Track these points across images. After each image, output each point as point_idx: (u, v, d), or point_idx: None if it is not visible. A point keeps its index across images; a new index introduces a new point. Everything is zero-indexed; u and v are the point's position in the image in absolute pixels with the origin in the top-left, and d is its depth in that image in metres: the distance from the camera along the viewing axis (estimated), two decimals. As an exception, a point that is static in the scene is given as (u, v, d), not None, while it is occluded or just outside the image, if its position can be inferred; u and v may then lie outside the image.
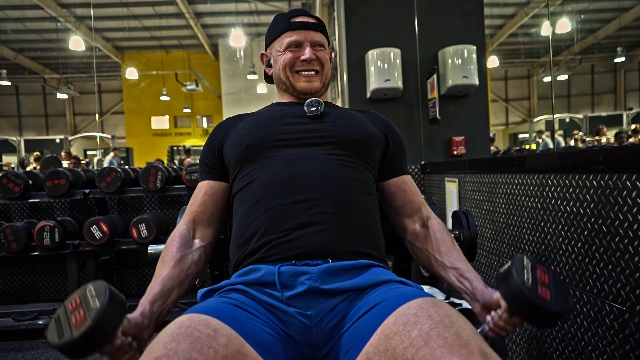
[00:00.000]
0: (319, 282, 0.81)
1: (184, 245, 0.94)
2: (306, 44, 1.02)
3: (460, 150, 2.87)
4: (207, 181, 1.02)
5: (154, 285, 0.86)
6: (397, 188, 1.04)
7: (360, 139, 0.97)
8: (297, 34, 1.02)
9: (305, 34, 1.02)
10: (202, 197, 1.00)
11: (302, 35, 1.02)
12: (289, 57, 1.03)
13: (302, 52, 1.03)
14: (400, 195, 1.04)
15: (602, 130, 7.62)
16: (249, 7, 11.13)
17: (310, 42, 1.03)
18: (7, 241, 2.38)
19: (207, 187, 1.01)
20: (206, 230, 1.00)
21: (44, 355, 2.19)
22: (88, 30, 11.59)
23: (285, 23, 1.04)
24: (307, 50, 1.02)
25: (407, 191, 1.04)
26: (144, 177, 2.48)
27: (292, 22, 1.03)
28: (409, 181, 1.06)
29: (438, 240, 0.95)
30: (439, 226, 0.98)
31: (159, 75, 14.61)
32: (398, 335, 0.63)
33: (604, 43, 13.66)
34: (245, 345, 0.67)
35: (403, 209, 1.03)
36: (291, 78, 1.04)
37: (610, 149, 1.07)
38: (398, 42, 2.84)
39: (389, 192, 1.05)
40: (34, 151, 7.85)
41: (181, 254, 0.92)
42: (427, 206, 1.05)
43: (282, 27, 1.04)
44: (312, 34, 1.03)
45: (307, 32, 1.03)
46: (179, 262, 0.91)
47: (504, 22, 12.24)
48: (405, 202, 1.03)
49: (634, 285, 0.99)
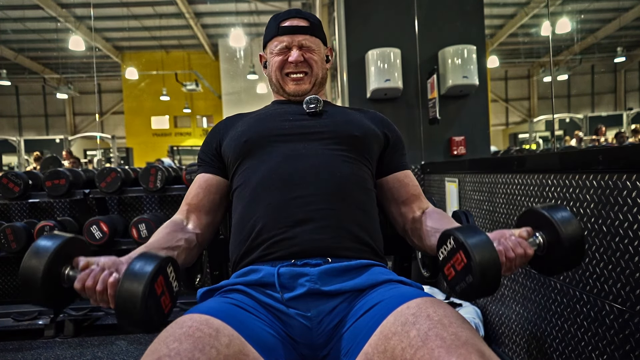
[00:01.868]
0: (319, 283, 0.81)
1: (175, 226, 0.94)
2: (294, 47, 1.03)
3: (460, 150, 2.87)
4: (202, 174, 1.03)
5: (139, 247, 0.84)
6: (400, 182, 1.04)
7: (358, 134, 0.98)
8: (285, 38, 1.03)
9: (293, 38, 1.03)
10: (196, 189, 1.01)
11: (289, 39, 1.03)
12: (278, 60, 1.04)
13: (289, 55, 1.03)
14: (403, 189, 1.03)
15: (601, 130, 7.63)
16: (249, 7, 11.13)
17: (298, 45, 1.03)
18: (7, 241, 2.38)
19: (201, 179, 1.02)
20: (200, 219, 0.99)
21: (44, 355, 2.19)
22: (88, 30, 11.59)
23: (275, 28, 1.05)
24: (293, 53, 1.02)
25: (410, 184, 1.04)
26: (144, 177, 2.48)
27: (281, 27, 1.04)
28: (410, 175, 1.06)
29: (435, 217, 0.96)
30: (438, 210, 1.00)
31: (159, 75, 14.61)
32: (397, 336, 0.63)
33: (604, 43, 13.65)
34: (246, 345, 0.67)
35: (405, 200, 1.02)
36: (281, 81, 1.06)
37: (610, 149, 1.07)
38: (398, 42, 2.85)
39: (390, 186, 1.04)
40: (34, 151, 7.84)
41: (171, 230, 0.92)
42: (425, 198, 1.05)
43: (272, 31, 1.05)
44: (301, 37, 1.03)
45: (294, 36, 1.03)
46: (167, 235, 0.90)
47: (504, 22, 12.23)
48: (408, 195, 1.03)
49: (634, 285, 0.99)
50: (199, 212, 1.00)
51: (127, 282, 0.65)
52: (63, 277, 0.71)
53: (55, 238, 0.71)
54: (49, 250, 0.69)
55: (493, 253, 0.70)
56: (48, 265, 0.68)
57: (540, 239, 0.78)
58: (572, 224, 0.75)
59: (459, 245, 0.72)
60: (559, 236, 0.75)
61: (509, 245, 0.76)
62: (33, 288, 0.68)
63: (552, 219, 0.76)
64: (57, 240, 0.70)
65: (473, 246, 0.70)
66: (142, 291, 0.64)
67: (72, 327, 2.42)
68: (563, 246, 0.74)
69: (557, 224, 0.75)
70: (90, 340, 2.36)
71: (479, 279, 0.69)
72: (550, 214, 0.77)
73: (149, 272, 0.65)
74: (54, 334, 2.40)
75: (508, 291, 1.68)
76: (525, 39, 13.91)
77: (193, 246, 0.95)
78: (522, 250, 0.76)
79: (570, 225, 0.75)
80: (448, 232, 0.75)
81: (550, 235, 0.77)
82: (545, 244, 0.77)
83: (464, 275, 0.71)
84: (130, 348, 2.23)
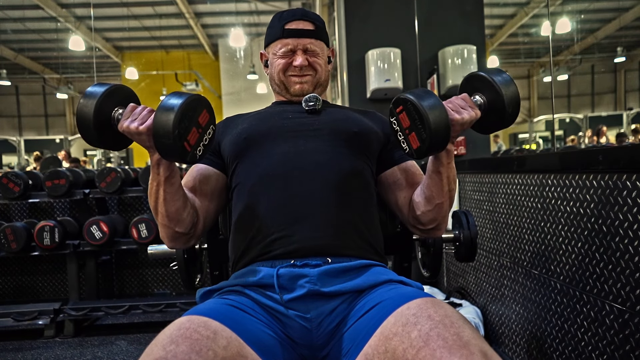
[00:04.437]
0: (318, 284, 0.81)
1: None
2: (299, 51, 1.02)
3: (460, 150, 2.87)
4: (195, 164, 1.00)
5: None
6: (407, 171, 1.01)
7: (357, 131, 0.97)
8: (290, 41, 1.01)
9: (298, 42, 1.01)
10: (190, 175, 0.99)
11: (294, 42, 1.01)
12: (282, 64, 1.03)
13: (294, 58, 1.02)
14: (411, 176, 1.00)
15: (602, 130, 7.63)
16: (249, 7, 11.12)
17: (303, 49, 1.02)
18: (7, 241, 2.38)
19: (196, 168, 1.00)
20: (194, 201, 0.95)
21: (44, 355, 2.19)
22: (88, 30, 11.59)
23: (280, 30, 1.02)
24: (298, 57, 1.01)
25: (417, 173, 1.01)
26: (144, 177, 2.48)
27: (286, 30, 1.01)
28: (416, 165, 1.04)
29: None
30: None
31: (159, 75, 14.59)
32: (397, 336, 0.62)
33: (604, 43, 13.64)
34: (245, 347, 0.67)
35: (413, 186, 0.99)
36: (285, 81, 1.05)
37: (610, 149, 1.07)
38: (398, 42, 2.84)
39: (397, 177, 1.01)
40: (34, 151, 7.83)
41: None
42: None
43: (277, 33, 1.03)
44: (306, 40, 1.02)
45: (299, 40, 1.01)
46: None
47: (504, 22, 12.23)
48: (414, 181, 0.99)
49: (634, 285, 0.98)
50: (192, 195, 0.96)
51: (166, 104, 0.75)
52: (113, 119, 0.80)
53: (104, 85, 0.79)
54: (99, 94, 0.77)
55: (443, 111, 0.78)
56: (98, 106, 0.77)
57: (481, 100, 0.86)
58: (508, 83, 0.83)
59: (407, 101, 0.79)
60: (499, 95, 0.82)
61: (456, 103, 0.84)
62: (86, 127, 0.77)
63: (490, 80, 0.84)
64: (106, 86, 0.79)
65: (422, 102, 0.77)
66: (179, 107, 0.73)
67: (72, 327, 2.42)
68: (503, 104, 0.82)
69: (495, 83, 0.83)
70: (90, 340, 2.36)
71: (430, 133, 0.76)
72: (489, 75, 0.84)
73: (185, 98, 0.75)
74: (54, 334, 2.40)
75: (508, 291, 1.68)
76: (525, 39, 13.90)
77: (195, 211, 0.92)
78: (469, 110, 0.83)
79: (506, 84, 0.83)
80: (398, 97, 0.82)
81: (490, 95, 0.84)
82: (486, 104, 0.85)
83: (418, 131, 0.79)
84: (130, 348, 2.23)
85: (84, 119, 0.77)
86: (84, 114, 0.77)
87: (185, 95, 0.76)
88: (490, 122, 0.87)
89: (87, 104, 0.76)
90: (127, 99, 0.82)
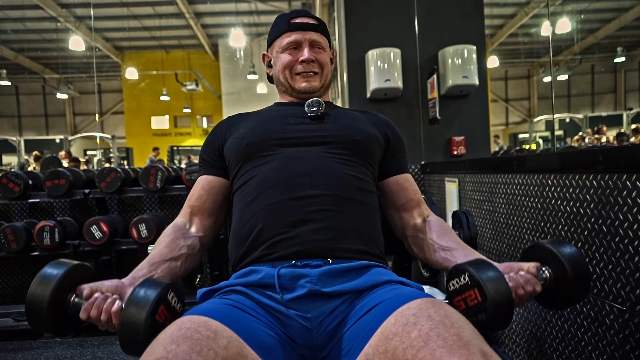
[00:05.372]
0: (319, 285, 0.81)
1: (177, 232, 0.95)
2: (305, 44, 1.03)
3: (460, 150, 2.87)
4: (205, 176, 1.03)
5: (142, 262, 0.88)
6: (399, 186, 1.04)
7: (360, 139, 0.98)
8: (296, 34, 1.03)
9: (304, 34, 1.03)
10: (199, 191, 1.01)
11: (301, 35, 1.03)
12: (288, 59, 1.04)
13: (300, 53, 1.03)
14: (402, 193, 1.04)
15: (602, 129, 7.66)
16: (249, 7, 11.11)
17: (309, 42, 1.03)
18: (7, 241, 2.38)
19: (204, 181, 1.02)
20: (203, 222, 1.00)
21: (44, 355, 2.19)
22: (88, 30, 11.60)
23: (285, 24, 1.04)
24: (305, 51, 1.02)
25: (409, 189, 1.04)
26: (144, 177, 2.48)
27: (292, 23, 1.03)
28: (410, 179, 1.06)
29: (438, 229, 0.97)
30: (439, 220, 1.00)
31: (159, 75, 14.61)
32: (398, 336, 0.62)
33: (604, 43, 13.65)
34: (245, 347, 0.67)
35: (405, 205, 1.03)
36: (290, 79, 1.05)
37: (610, 149, 1.07)
38: (398, 42, 2.84)
39: (390, 189, 1.05)
40: (34, 151, 7.83)
41: (173, 237, 0.93)
42: (426, 205, 1.06)
43: (282, 27, 1.05)
44: (312, 34, 1.03)
45: (305, 33, 1.03)
46: (170, 243, 0.92)
47: (504, 22, 12.24)
48: (407, 199, 1.03)
49: (634, 285, 0.98)
50: (202, 214, 1.00)
51: (130, 314, 0.68)
52: (69, 304, 0.72)
53: (60, 266, 0.72)
54: (55, 278, 0.70)
55: (507, 292, 0.71)
56: (54, 294, 0.69)
57: (547, 274, 0.79)
58: (578, 260, 0.77)
59: (474, 283, 0.72)
60: (566, 272, 0.76)
61: (520, 282, 0.78)
62: (39, 316, 0.69)
63: (559, 255, 0.77)
64: (62, 268, 0.72)
65: (489, 286, 0.70)
66: (144, 325, 0.67)
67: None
68: (570, 282, 0.76)
69: (564, 259, 0.77)
70: (90, 340, 2.36)
71: (492, 317, 0.70)
72: (557, 249, 0.78)
73: (149, 304, 0.68)
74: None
75: (508, 291, 1.67)
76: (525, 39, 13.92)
77: (196, 251, 0.96)
78: (531, 288, 0.78)
79: (577, 262, 0.77)
80: (462, 267, 0.76)
81: (557, 271, 0.78)
82: (552, 279, 0.79)
83: (476, 312, 0.72)
84: (130, 348, 2.23)
85: (35, 306, 0.69)
86: (35, 301, 0.69)
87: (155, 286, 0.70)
88: (558, 298, 0.80)
89: (40, 291, 0.69)
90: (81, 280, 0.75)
